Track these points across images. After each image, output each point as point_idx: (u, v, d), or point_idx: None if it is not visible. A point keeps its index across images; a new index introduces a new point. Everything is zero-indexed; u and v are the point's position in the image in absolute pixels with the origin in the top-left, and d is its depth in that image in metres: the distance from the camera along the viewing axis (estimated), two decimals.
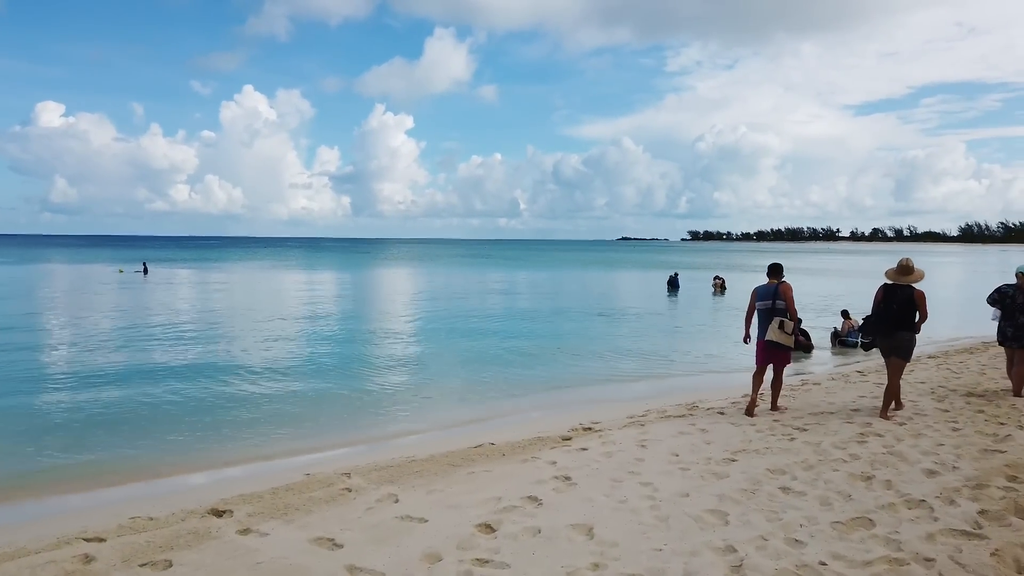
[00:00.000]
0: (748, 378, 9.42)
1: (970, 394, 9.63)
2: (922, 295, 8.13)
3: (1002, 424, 7.69)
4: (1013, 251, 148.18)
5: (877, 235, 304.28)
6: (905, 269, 8.23)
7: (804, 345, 15.05)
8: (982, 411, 8.44)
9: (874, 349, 8.71)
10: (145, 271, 49.13)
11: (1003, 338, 9.33)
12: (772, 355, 8.78)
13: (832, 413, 8.68)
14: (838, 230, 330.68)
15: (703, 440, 7.40)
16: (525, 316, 24.68)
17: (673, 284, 37.43)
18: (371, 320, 23.17)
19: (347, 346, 17.08)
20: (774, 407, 8.95)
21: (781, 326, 8.54)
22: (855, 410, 8.82)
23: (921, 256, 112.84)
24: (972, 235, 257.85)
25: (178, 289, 37.25)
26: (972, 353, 14.77)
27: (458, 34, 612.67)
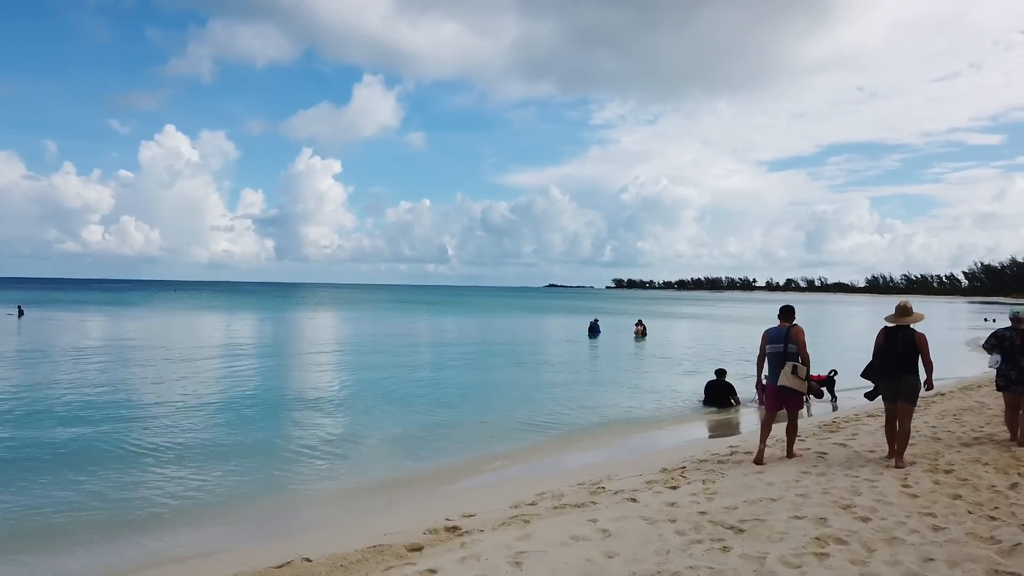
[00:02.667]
0: (665, 440, 9.21)
1: (972, 443, 9.04)
2: (923, 338, 8.02)
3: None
4: (915, 301, 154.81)
5: (791, 285, 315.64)
6: (904, 311, 8.19)
7: (815, 390, 13.89)
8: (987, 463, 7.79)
9: (878, 397, 8.45)
10: (20, 313, 44.47)
11: (1006, 382, 8.95)
12: (784, 400, 8.46)
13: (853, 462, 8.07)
14: (754, 279, 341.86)
15: (603, 550, 5.23)
16: (431, 366, 22.31)
17: (594, 330, 36.25)
18: (243, 375, 20.29)
19: (187, 416, 14.28)
20: (790, 454, 8.61)
21: (795, 371, 8.23)
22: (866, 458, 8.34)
23: (833, 306, 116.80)
24: (878, 286, 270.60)
25: (48, 333, 33.16)
26: (947, 396, 14.33)
27: (386, 81, 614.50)
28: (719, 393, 15.20)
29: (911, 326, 8.14)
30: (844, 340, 37.86)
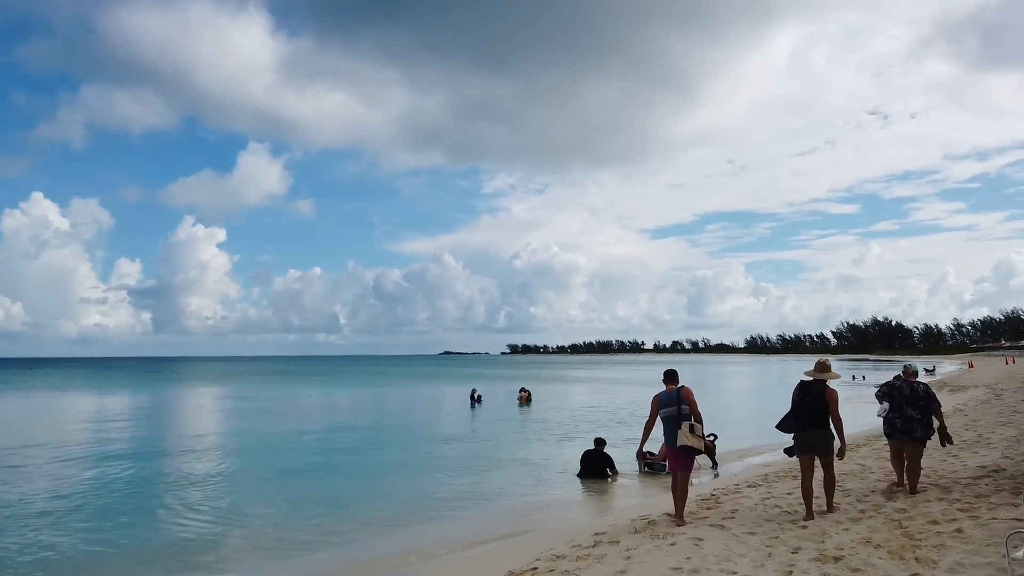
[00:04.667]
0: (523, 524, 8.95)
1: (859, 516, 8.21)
2: (834, 393, 8.23)
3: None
4: (791, 361, 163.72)
5: (677, 347, 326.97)
6: (822, 367, 8.43)
7: (709, 448, 13.69)
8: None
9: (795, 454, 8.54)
10: None
11: (891, 430, 9.40)
12: (683, 461, 8.60)
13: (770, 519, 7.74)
14: (643, 342, 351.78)
15: None
16: (288, 449, 19.92)
17: (475, 399, 34.57)
18: (75, 467, 17.24)
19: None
20: (679, 515, 8.58)
21: (692, 430, 8.37)
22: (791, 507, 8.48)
23: (715, 366, 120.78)
24: (756, 347, 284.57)
25: None
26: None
27: (273, 149, 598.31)
28: (595, 463, 13.92)
29: (826, 382, 8.30)
30: (727, 400, 38.08)
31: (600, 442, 14.43)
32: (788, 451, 8.84)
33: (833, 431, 8.13)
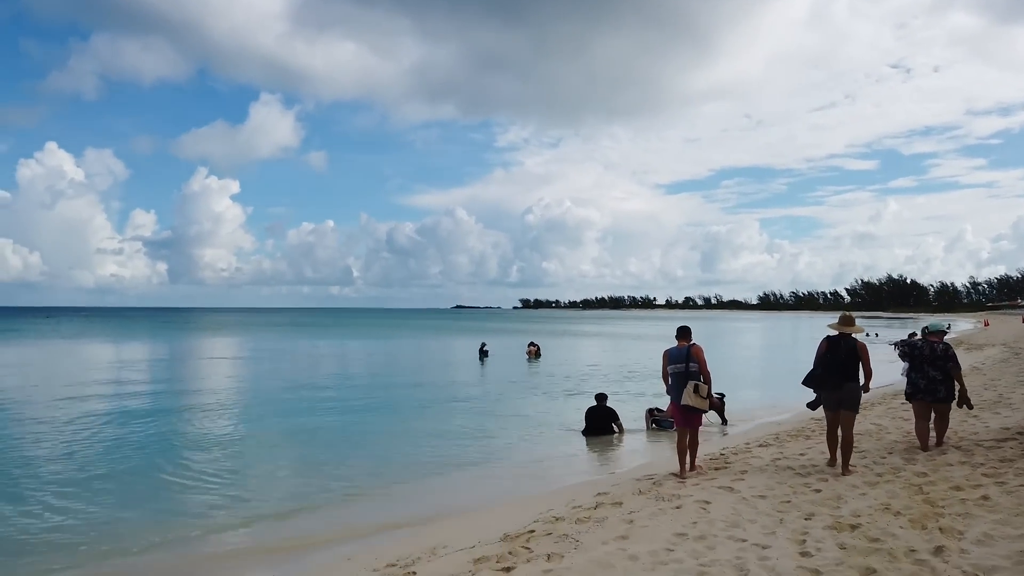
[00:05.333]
0: (523, 485, 8.99)
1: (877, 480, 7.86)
2: (864, 347, 8.19)
3: None
4: (803, 317, 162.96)
5: (689, 303, 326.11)
6: (848, 320, 8.36)
7: (718, 407, 13.73)
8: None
9: (819, 407, 8.58)
10: None
11: (914, 390, 9.17)
12: (688, 418, 8.65)
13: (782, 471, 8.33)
14: (655, 298, 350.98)
15: None
16: (304, 398, 19.77)
17: (483, 353, 34.37)
18: (97, 415, 17.15)
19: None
20: (693, 467, 8.83)
21: (696, 389, 8.45)
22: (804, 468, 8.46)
23: (727, 322, 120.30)
24: (769, 303, 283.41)
25: None
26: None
27: (285, 100, 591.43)
28: (600, 420, 13.57)
29: (852, 335, 8.22)
30: (738, 357, 37.67)
31: (602, 397, 14.02)
32: (811, 405, 8.76)
33: (860, 385, 8.17)
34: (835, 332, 8.39)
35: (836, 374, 8.14)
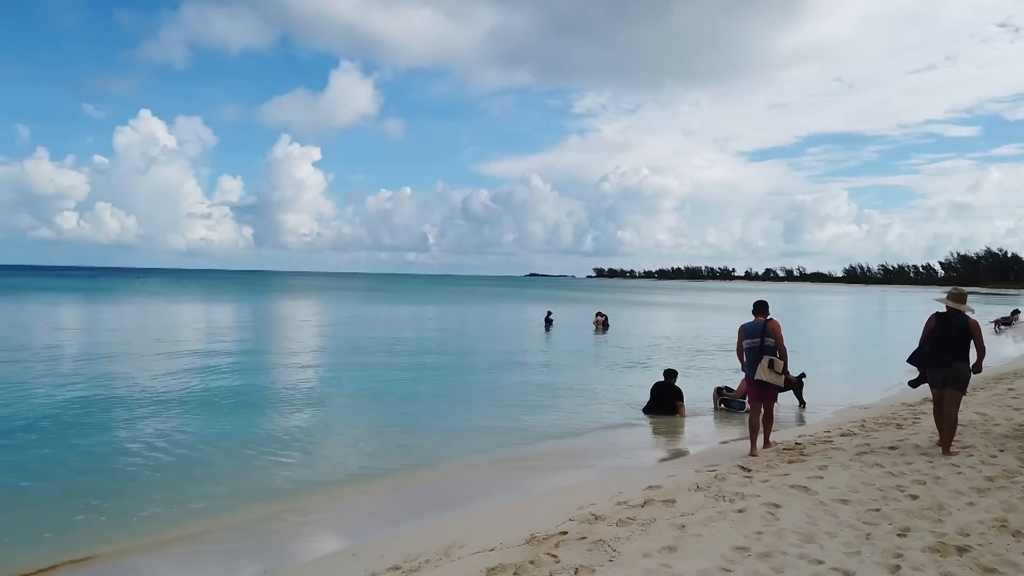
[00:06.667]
0: (565, 476, 8.14)
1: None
2: (977, 325, 7.83)
3: None
4: (892, 291, 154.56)
5: (770, 275, 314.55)
6: (960, 296, 7.98)
7: (795, 384, 12.55)
8: None
9: (922, 385, 8.28)
10: None
11: None
12: (762, 394, 8.59)
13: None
14: (733, 269, 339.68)
15: None
16: (372, 364, 19.47)
17: (548, 322, 33.51)
18: (200, 371, 17.31)
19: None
20: (766, 444, 8.77)
21: (771, 365, 8.34)
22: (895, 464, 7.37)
23: (810, 295, 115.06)
24: (855, 276, 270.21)
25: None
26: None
27: (363, 68, 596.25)
28: (664, 397, 12.49)
29: (965, 312, 7.83)
30: (821, 332, 35.45)
31: (671, 373, 12.90)
32: (914, 383, 8.46)
33: (970, 365, 7.78)
34: (944, 308, 7.89)
35: (945, 352, 7.73)
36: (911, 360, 8.14)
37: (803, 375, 13.22)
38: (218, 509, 7.14)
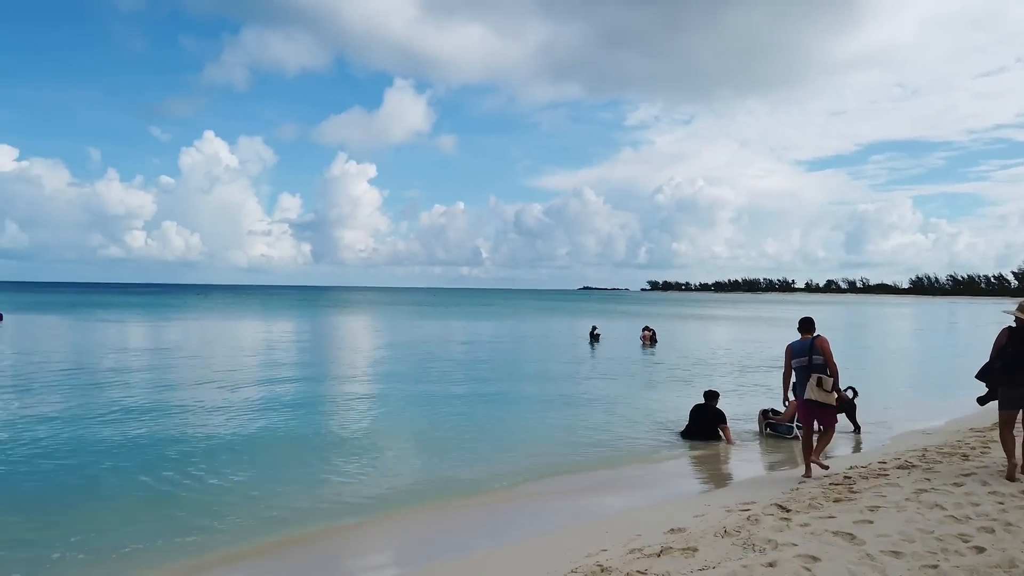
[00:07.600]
0: (588, 509, 7.53)
1: None
2: None
3: None
4: (962, 303, 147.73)
5: (831, 286, 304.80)
6: None
7: (848, 402, 11.91)
8: None
9: (991, 402, 7.66)
10: None
11: None
12: (815, 414, 8.33)
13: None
14: (793, 281, 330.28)
15: None
16: (419, 378, 19.09)
17: (594, 337, 32.69)
18: (234, 390, 17.27)
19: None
20: (816, 461, 8.31)
21: (820, 383, 8.04)
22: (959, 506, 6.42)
23: (873, 307, 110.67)
24: (922, 287, 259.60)
25: (24, 340, 30.83)
26: None
27: (417, 86, 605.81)
28: (705, 422, 11.62)
29: None
30: (882, 347, 33.61)
31: (712, 395, 11.99)
32: (982, 400, 7.81)
33: None
34: (1015, 321, 7.42)
35: (1019, 370, 7.25)
36: (980, 376, 7.66)
37: (852, 389, 12.19)
38: (274, 528, 7.12)
